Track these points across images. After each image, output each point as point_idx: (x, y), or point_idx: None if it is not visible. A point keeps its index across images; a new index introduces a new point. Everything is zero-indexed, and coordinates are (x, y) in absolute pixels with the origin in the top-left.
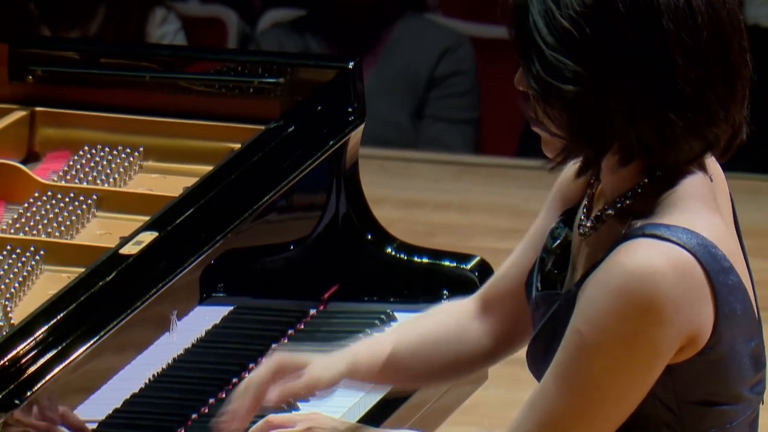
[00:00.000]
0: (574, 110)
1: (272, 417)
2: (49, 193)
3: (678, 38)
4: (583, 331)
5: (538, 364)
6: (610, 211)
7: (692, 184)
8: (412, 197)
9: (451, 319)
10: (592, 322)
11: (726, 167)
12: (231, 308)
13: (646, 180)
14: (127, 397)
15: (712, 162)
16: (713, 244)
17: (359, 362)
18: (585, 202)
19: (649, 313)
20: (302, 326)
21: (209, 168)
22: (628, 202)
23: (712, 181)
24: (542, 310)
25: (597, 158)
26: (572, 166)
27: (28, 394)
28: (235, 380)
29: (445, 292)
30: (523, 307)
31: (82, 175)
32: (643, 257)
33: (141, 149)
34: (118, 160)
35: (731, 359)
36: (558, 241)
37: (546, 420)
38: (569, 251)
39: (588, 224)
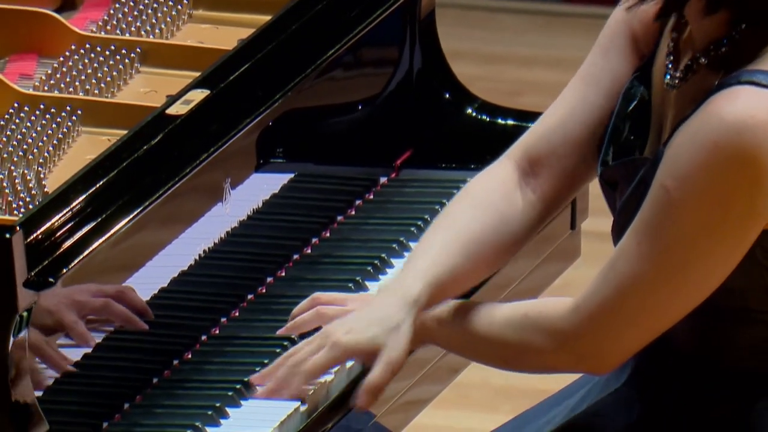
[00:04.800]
0: None
1: (319, 294)
2: (87, 46)
3: None
4: (670, 186)
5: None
6: (702, 60)
7: None
8: (496, 51)
9: (499, 198)
10: (681, 176)
11: None
12: (291, 176)
13: (744, 26)
14: (175, 275)
15: None
16: None
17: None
18: (670, 48)
19: (746, 168)
20: (371, 196)
21: (267, 18)
22: (723, 49)
23: None
24: (624, 182)
25: (681, 0)
26: (648, 7)
27: (64, 271)
28: (296, 257)
29: None
30: (574, 163)
31: (124, 26)
32: (740, 106)
33: None
34: (165, 9)
35: None
36: (634, 103)
37: (627, 284)
38: (646, 113)
39: (677, 74)
